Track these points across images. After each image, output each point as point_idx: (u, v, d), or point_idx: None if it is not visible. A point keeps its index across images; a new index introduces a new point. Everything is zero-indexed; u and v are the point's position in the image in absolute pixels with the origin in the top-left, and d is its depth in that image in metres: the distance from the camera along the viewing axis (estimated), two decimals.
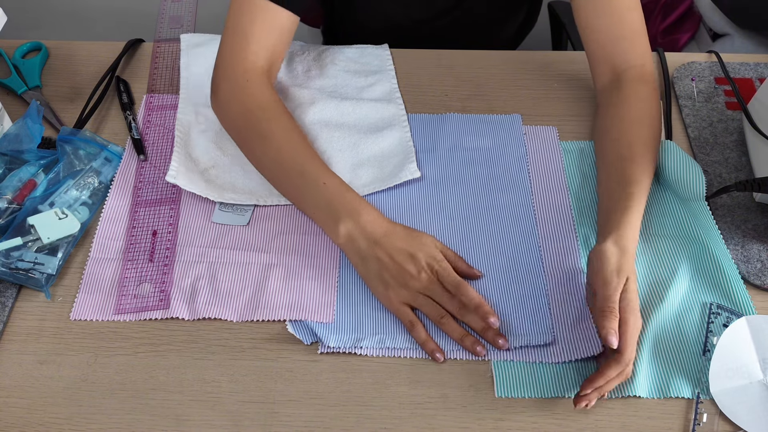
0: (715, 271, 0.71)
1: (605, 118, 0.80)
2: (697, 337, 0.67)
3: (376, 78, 0.91)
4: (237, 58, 0.79)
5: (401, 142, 0.83)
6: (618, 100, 0.79)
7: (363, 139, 0.83)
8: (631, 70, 0.80)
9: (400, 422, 0.63)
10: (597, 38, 0.81)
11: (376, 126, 0.85)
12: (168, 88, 0.90)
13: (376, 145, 0.82)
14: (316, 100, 0.86)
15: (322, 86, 0.89)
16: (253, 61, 0.79)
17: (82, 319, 0.69)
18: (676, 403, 0.64)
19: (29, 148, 0.78)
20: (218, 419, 0.63)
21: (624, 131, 0.76)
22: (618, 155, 0.75)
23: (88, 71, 0.92)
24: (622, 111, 0.78)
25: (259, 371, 0.66)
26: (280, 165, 0.75)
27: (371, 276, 0.69)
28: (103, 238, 0.75)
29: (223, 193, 0.77)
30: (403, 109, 0.87)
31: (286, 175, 0.75)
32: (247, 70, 0.79)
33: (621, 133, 0.77)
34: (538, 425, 0.62)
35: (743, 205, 0.77)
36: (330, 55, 0.93)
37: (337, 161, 0.80)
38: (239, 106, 0.78)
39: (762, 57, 0.93)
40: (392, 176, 0.79)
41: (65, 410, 0.63)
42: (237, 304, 0.70)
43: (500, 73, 0.92)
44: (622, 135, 0.76)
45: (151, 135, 0.84)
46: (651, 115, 0.78)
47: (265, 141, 0.76)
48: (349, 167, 0.80)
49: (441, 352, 0.66)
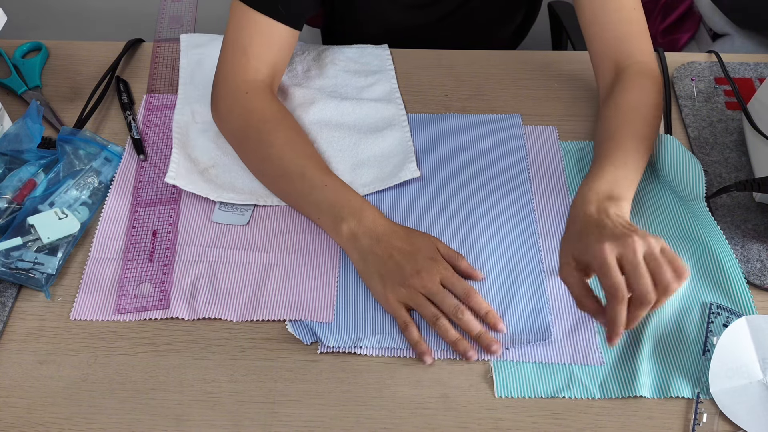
0: (716, 271, 0.71)
1: (603, 108, 0.80)
2: (697, 337, 0.67)
3: (375, 78, 0.91)
4: (237, 73, 0.79)
5: (401, 142, 0.83)
6: (618, 90, 0.79)
7: (363, 139, 0.83)
8: (635, 65, 0.80)
9: (400, 422, 0.63)
10: (602, 36, 0.81)
11: (376, 126, 0.85)
12: (168, 88, 0.90)
13: (376, 145, 0.82)
14: (316, 100, 0.86)
15: (321, 86, 0.89)
16: (254, 75, 0.79)
17: (82, 319, 0.69)
18: (676, 403, 0.64)
19: (29, 148, 0.78)
20: (218, 419, 0.63)
21: (617, 117, 0.76)
22: (607, 136, 0.75)
23: (88, 71, 0.92)
24: (620, 99, 0.78)
25: (259, 371, 0.66)
26: (281, 171, 0.75)
27: (370, 274, 0.69)
28: (103, 238, 0.75)
29: (223, 193, 0.77)
30: (402, 109, 0.87)
31: (288, 180, 0.75)
32: (248, 82, 0.79)
33: (614, 119, 0.76)
34: (538, 425, 0.62)
35: (743, 205, 0.77)
36: (330, 55, 0.93)
37: (338, 161, 0.80)
38: (240, 120, 0.78)
39: (762, 57, 0.93)
40: (392, 176, 0.79)
41: (65, 410, 0.63)
42: (237, 303, 0.70)
43: (500, 73, 0.92)
44: (615, 120, 0.76)
45: (151, 135, 0.84)
46: (648, 103, 0.78)
47: (267, 151, 0.76)
48: (350, 167, 0.80)
49: (430, 355, 0.66)
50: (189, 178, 0.78)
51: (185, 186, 0.77)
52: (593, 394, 0.64)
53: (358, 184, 0.78)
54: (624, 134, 0.74)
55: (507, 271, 0.72)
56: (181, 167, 0.79)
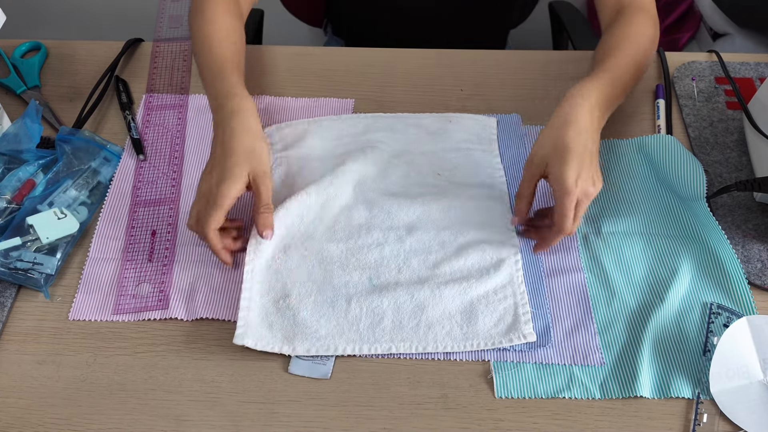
0: (716, 271, 0.71)
1: (602, 37, 0.83)
2: (698, 337, 0.67)
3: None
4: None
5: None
6: (617, 23, 0.82)
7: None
8: (634, 3, 0.82)
9: (400, 422, 0.63)
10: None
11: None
12: (167, 87, 0.90)
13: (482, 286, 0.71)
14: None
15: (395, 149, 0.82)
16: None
17: (81, 319, 0.69)
18: (676, 403, 0.64)
19: (28, 148, 0.78)
20: (218, 419, 0.63)
21: (615, 41, 0.79)
22: (602, 56, 0.78)
23: (88, 71, 0.92)
24: (617, 30, 0.81)
25: (259, 371, 0.66)
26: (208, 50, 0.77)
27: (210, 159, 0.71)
28: (102, 238, 0.75)
29: (299, 343, 0.66)
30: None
31: (206, 66, 0.77)
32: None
33: (611, 42, 0.79)
34: (538, 425, 0.62)
35: (743, 204, 0.77)
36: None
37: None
38: None
39: (762, 56, 0.93)
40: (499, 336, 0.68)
41: (64, 410, 0.63)
42: (236, 304, 0.69)
43: (500, 73, 0.92)
44: (612, 43, 0.79)
45: (150, 135, 0.84)
46: (644, 33, 0.81)
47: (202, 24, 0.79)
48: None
49: (230, 263, 0.70)
50: (260, 328, 0.67)
51: (255, 345, 0.66)
52: (593, 394, 0.64)
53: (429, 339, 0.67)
54: (620, 54, 0.77)
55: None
56: (252, 312, 0.68)
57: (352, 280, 0.70)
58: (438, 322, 0.67)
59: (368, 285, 0.70)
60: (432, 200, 0.76)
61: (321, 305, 0.69)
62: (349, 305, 0.69)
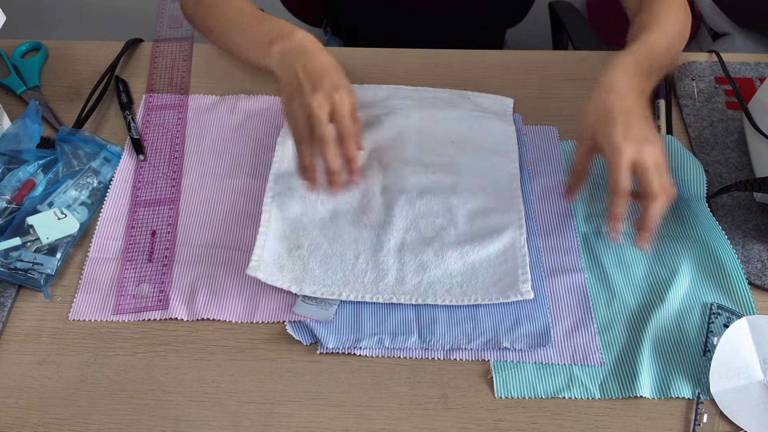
0: (716, 271, 0.71)
1: (635, 17, 0.82)
2: (698, 337, 0.67)
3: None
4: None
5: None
6: (648, 3, 0.81)
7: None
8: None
9: (400, 422, 0.63)
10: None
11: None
12: (167, 87, 0.90)
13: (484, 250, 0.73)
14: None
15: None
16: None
17: (81, 320, 0.69)
18: (676, 404, 0.64)
19: (28, 148, 0.78)
20: (218, 419, 0.63)
21: (651, 15, 0.78)
22: (640, 28, 0.77)
23: (87, 71, 0.92)
24: (653, 5, 0.79)
25: (259, 371, 0.66)
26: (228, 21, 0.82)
27: (283, 85, 0.73)
28: (102, 238, 0.75)
29: (307, 286, 0.70)
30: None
31: (232, 24, 0.81)
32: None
33: (648, 17, 0.78)
34: (538, 425, 0.62)
35: (744, 205, 0.77)
36: None
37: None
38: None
39: (762, 56, 0.93)
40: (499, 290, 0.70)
41: (64, 411, 0.63)
42: (236, 304, 0.70)
43: (500, 73, 0.92)
44: (648, 16, 0.78)
45: (150, 135, 0.84)
46: (680, 8, 0.80)
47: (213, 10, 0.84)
48: None
49: (313, 185, 0.73)
50: (272, 267, 0.70)
51: (266, 279, 0.69)
52: (593, 394, 0.64)
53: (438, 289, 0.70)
54: (654, 27, 0.76)
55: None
56: (266, 251, 0.71)
57: (361, 236, 0.73)
58: (439, 281, 0.70)
59: (376, 243, 0.73)
60: (444, 168, 0.79)
61: (330, 258, 0.72)
62: (356, 260, 0.71)
